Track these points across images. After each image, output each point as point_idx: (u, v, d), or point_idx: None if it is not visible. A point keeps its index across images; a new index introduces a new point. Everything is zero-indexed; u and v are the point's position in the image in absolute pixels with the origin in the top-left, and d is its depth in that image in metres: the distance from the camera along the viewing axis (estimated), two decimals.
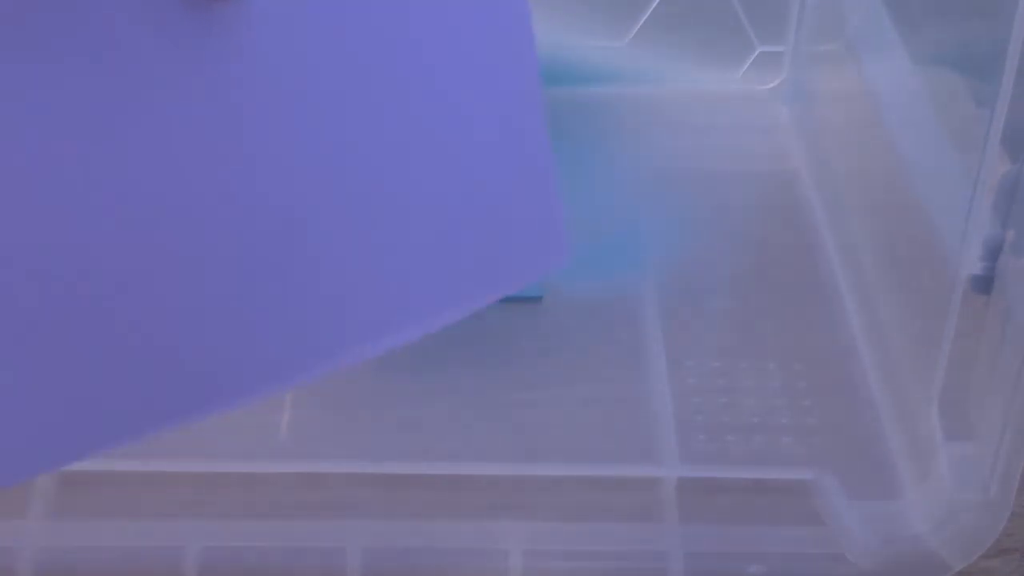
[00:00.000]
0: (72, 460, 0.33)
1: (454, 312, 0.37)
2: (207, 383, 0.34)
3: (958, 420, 0.44)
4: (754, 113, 0.64)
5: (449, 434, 0.48)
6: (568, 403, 0.49)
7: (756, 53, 0.65)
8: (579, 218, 0.57)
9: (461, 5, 0.35)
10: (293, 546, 0.44)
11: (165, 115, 0.32)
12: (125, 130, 0.31)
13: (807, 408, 0.49)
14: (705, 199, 0.59)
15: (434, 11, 0.35)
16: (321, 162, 0.34)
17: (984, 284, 0.43)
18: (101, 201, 0.32)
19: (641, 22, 0.64)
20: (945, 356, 0.45)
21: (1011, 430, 0.42)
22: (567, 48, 0.63)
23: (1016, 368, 0.41)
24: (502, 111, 0.37)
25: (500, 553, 0.45)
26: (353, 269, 0.35)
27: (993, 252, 0.43)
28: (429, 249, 0.36)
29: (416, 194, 0.35)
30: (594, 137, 0.60)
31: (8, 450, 0.33)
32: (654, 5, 0.63)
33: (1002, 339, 0.42)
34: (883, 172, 0.54)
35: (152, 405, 0.33)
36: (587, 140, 0.60)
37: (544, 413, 0.49)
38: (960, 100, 0.47)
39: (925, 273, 0.49)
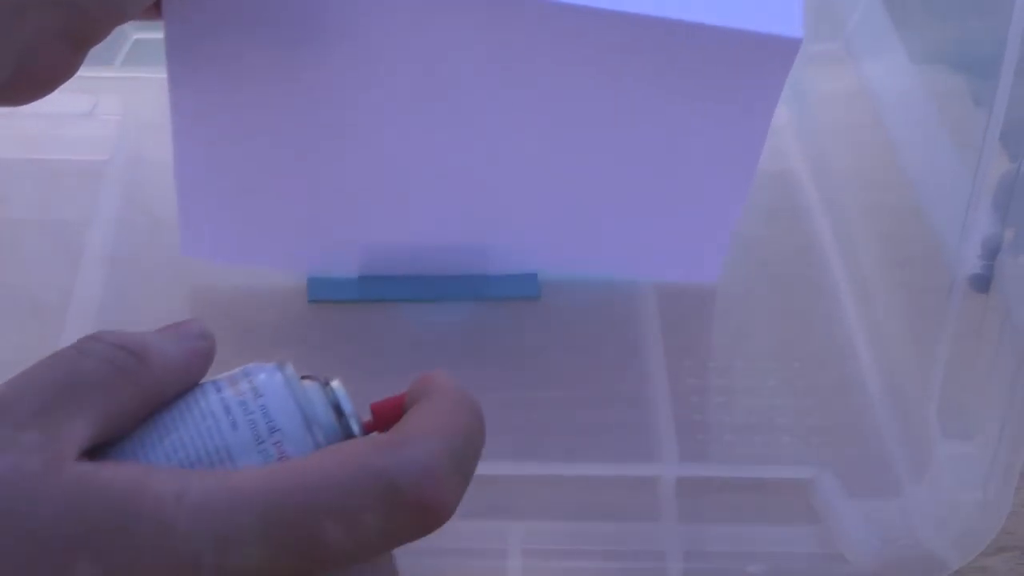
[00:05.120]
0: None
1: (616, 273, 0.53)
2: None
3: (957, 419, 0.44)
4: None
5: None
6: (568, 403, 0.49)
7: None
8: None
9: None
10: None
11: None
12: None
13: (807, 408, 0.49)
14: None
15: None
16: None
17: (983, 283, 0.43)
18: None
19: None
20: (944, 355, 0.45)
21: (1009, 429, 0.42)
22: None
23: (1014, 367, 0.41)
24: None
25: (500, 553, 0.45)
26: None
27: (992, 251, 0.43)
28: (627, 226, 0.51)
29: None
30: None
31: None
32: None
33: (1000, 338, 0.42)
34: (882, 171, 0.54)
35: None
36: None
37: (544, 413, 0.49)
38: (959, 100, 0.48)
39: (924, 272, 0.49)
